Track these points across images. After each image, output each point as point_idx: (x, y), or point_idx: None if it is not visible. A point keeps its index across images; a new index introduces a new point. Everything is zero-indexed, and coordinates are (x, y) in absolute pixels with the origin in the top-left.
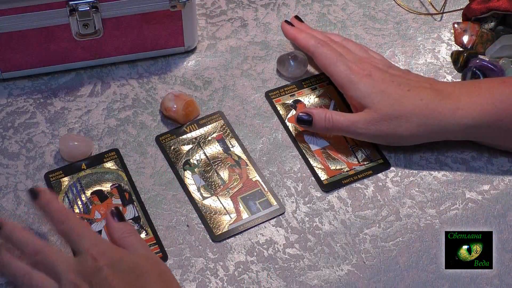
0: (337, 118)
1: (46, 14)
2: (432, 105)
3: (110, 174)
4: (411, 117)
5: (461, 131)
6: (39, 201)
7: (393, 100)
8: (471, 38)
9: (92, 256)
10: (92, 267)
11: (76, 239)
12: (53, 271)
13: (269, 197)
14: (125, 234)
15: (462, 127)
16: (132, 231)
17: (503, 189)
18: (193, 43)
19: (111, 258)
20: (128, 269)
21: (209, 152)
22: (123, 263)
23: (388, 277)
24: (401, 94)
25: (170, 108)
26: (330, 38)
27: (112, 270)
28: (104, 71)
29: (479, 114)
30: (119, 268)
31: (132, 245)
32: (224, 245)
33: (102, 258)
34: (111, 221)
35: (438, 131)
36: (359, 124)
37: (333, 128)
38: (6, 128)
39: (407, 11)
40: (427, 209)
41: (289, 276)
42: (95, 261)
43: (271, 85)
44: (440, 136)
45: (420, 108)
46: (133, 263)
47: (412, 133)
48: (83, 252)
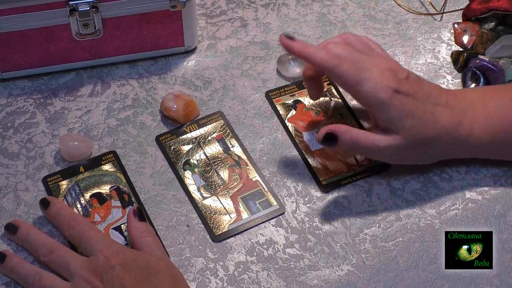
0: (363, 142)
1: (46, 14)
2: (451, 131)
3: (109, 176)
4: (434, 144)
5: (470, 154)
6: (50, 210)
7: (421, 127)
8: (471, 38)
9: (104, 255)
10: (104, 265)
11: (88, 242)
12: (66, 269)
13: (269, 197)
14: (143, 234)
15: (473, 150)
16: (150, 232)
17: (503, 189)
18: (193, 43)
19: (123, 258)
20: (140, 268)
21: (209, 152)
22: (135, 262)
23: (388, 277)
24: (425, 118)
25: (170, 108)
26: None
27: (124, 269)
28: (104, 71)
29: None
30: (131, 267)
31: (148, 245)
32: (224, 245)
33: (114, 257)
34: (131, 219)
35: (450, 155)
36: (386, 151)
37: (356, 150)
38: (6, 128)
39: (407, 11)
40: (427, 209)
41: (289, 276)
42: (107, 260)
43: (271, 85)
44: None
45: (441, 134)
46: (145, 263)
47: (432, 158)
48: (96, 253)
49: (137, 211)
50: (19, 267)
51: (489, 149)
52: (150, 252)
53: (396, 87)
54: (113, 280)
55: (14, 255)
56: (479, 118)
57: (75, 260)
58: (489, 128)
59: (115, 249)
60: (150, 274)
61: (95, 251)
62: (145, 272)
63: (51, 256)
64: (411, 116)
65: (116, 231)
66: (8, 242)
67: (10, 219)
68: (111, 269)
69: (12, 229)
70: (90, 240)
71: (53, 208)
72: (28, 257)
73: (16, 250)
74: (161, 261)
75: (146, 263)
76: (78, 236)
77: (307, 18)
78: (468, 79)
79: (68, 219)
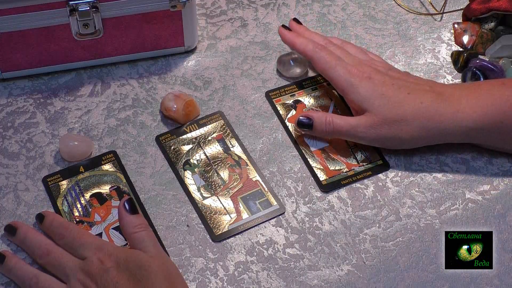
0: (337, 122)
1: (46, 14)
2: (432, 108)
3: (109, 176)
4: (412, 121)
5: (461, 134)
6: (44, 223)
7: (394, 104)
8: (471, 38)
9: (98, 258)
10: (98, 268)
11: (80, 247)
12: (62, 272)
13: (269, 197)
14: (136, 229)
15: (463, 129)
16: (144, 225)
17: (503, 189)
18: (193, 43)
19: (116, 260)
20: (134, 269)
21: (209, 152)
22: (129, 263)
23: (388, 277)
24: (401, 97)
25: (170, 108)
26: (329, 41)
27: (118, 271)
28: (104, 71)
29: (480, 116)
30: (124, 268)
31: (142, 241)
32: (224, 245)
33: (108, 260)
34: (123, 214)
35: (438, 134)
36: (359, 128)
37: (334, 132)
38: (6, 128)
39: (407, 11)
40: (427, 209)
41: (289, 276)
42: (101, 263)
43: (271, 85)
44: (440, 139)
45: (420, 111)
46: (139, 263)
47: (412, 136)
48: (89, 256)
49: (128, 203)
50: (18, 268)
51: (480, 130)
52: (144, 250)
53: (369, 74)
54: (107, 283)
55: (14, 256)
56: (469, 96)
57: (71, 262)
58: (479, 105)
59: (108, 250)
60: (143, 276)
61: (88, 255)
62: (138, 273)
63: (47, 258)
64: (381, 96)
65: (116, 231)
66: (8, 243)
67: (10, 219)
68: (105, 273)
69: (11, 230)
70: (82, 245)
71: (46, 221)
72: (27, 257)
73: (16, 251)
74: (155, 260)
75: (138, 263)
76: (69, 243)
77: (307, 18)
78: (468, 79)
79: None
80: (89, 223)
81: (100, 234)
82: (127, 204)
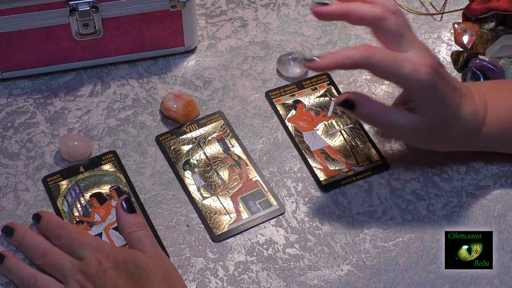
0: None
1: (46, 14)
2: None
3: (109, 176)
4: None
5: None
6: (41, 223)
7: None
8: (471, 38)
9: (96, 259)
10: (96, 269)
11: (78, 248)
12: (60, 272)
13: (269, 197)
14: (133, 228)
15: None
16: (141, 225)
17: (503, 189)
18: (193, 43)
19: (114, 260)
20: (132, 270)
21: (209, 152)
22: (127, 264)
23: (388, 277)
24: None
25: (170, 108)
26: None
27: (116, 272)
28: (104, 71)
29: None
30: (122, 269)
31: (140, 240)
32: (224, 245)
33: (106, 260)
34: (120, 213)
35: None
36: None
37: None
38: (6, 128)
39: (407, 11)
40: (427, 209)
41: (289, 276)
42: (99, 264)
43: (271, 85)
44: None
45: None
46: (138, 263)
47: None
48: (87, 257)
49: (126, 203)
50: (16, 268)
51: (497, 141)
52: (142, 249)
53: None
54: (105, 284)
55: (13, 256)
56: (491, 109)
57: (68, 263)
58: (499, 119)
59: (106, 251)
60: (141, 277)
61: (86, 255)
62: (136, 274)
63: (45, 259)
64: (441, 101)
65: (116, 231)
66: (8, 243)
67: (10, 219)
68: (103, 273)
69: (8, 231)
70: (81, 244)
71: (43, 221)
72: (27, 258)
73: (16, 251)
74: (153, 260)
75: (137, 264)
76: (67, 244)
77: (307, 18)
78: (468, 79)
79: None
80: (89, 223)
81: (100, 234)
82: (125, 203)
